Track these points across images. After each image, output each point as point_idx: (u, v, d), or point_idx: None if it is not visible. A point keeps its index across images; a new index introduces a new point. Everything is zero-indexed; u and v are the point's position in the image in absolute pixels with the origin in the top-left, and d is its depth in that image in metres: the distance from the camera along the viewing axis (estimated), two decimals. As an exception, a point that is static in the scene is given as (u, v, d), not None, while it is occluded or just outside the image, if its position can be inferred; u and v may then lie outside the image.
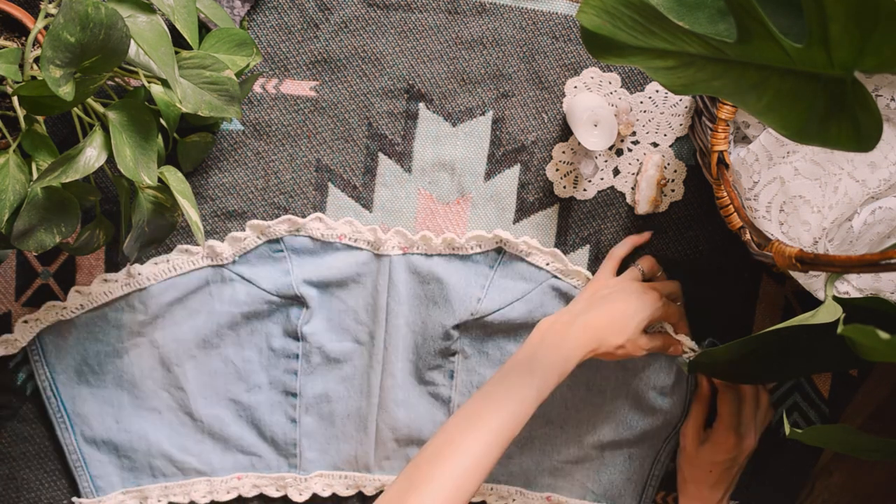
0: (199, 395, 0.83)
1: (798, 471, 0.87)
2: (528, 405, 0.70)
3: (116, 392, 0.82)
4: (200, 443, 0.84)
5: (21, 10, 0.68)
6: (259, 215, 0.82)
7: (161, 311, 0.81)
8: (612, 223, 0.84)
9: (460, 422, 0.69)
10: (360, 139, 0.82)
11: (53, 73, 0.55)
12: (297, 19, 0.80)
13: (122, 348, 0.81)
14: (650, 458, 0.86)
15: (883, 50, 0.44)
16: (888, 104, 0.70)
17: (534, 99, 0.82)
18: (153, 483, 0.84)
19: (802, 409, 0.87)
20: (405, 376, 0.83)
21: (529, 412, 0.70)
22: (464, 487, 0.66)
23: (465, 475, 0.66)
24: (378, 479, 0.85)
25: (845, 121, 0.48)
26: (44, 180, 0.58)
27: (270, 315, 0.83)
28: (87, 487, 0.83)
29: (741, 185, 0.72)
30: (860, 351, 0.56)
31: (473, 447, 0.67)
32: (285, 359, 0.83)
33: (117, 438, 0.82)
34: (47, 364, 0.81)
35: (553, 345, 0.73)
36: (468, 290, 0.81)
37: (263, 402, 0.83)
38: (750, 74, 0.49)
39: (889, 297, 0.72)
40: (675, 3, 0.52)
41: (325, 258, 0.82)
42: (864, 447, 0.62)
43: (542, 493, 0.86)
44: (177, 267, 0.81)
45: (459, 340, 0.83)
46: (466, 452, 0.67)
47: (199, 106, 0.64)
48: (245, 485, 0.84)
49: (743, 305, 0.85)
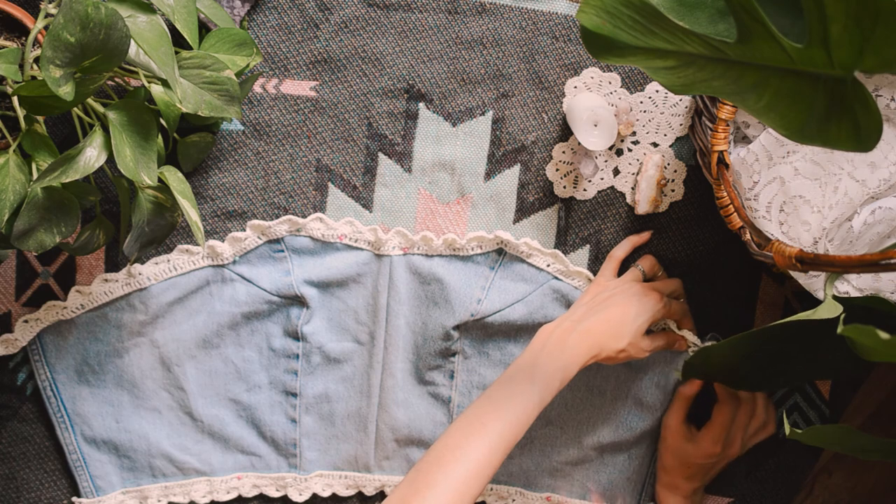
0: (199, 394, 0.83)
1: (798, 471, 0.87)
2: (530, 411, 0.70)
3: (116, 392, 0.82)
4: (200, 443, 0.84)
5: (21, 10, 0.68)
6: (259, 215, 0.82)
7: (161, 310, 0.81)
8: (613, 223, 0.84)
9: (463, 426, 0.70)
10: (360, 139, 0.82)
11: (53, 73, 0.55)
12: (297, 19, 0.80)
13: (122, 348, 0.81)
14: (649, 457, 0.86)
15: (883, 50, 0.44)
16: (888, 104, 0.70)
17: (534, 99, 0.82)
18: (153, 483, 0.84)
19: (802, 409, 0.87)
20: (405, 376, 0.83)
21: (531, 418, 0.71)
22: (467, 492, 0.67)
23: (468, 480, 0.67)
24: (378, 480, 0.85)
25: (845, 121, 0.48)
26: (44, 180, 0.58)
27: (271, 315, 0.83)
28: (87, 487, 0.83)
29: (741, 185, 0.71)
30: (860, 351, 0.56)
31: (476, 452, 0.68)
32: (285, 359, 0.83)
33: (117, 438, 0.82)
34: (47, 364, 0.81)
35: (554, 352, 0.73)
36: (468, 290, 0.81)
37: (263, 402, 0.83)
38: (750, 74, 0.49)
39: (889, 297, 0.72)
40: (675, 3, 0.52)
41: (326, 258, 0.82)
42: (864, 447, 0.62)
43: (542, 494, 0.86)
44: (177, 267, 0.81)
45: (459, 341, 0.83)
46: (469, 457, 0.68)
47: (199, 106, 0.64)
48: (245, 485, 0.84)
49: (743, 305, 0.85)
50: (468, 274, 0.82)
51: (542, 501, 0.86)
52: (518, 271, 0.82)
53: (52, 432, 0.83)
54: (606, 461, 0.86)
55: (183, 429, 0.83)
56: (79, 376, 0.82)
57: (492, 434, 0.69)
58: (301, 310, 0.82)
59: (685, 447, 0.81)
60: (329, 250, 0.82)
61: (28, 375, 0.82)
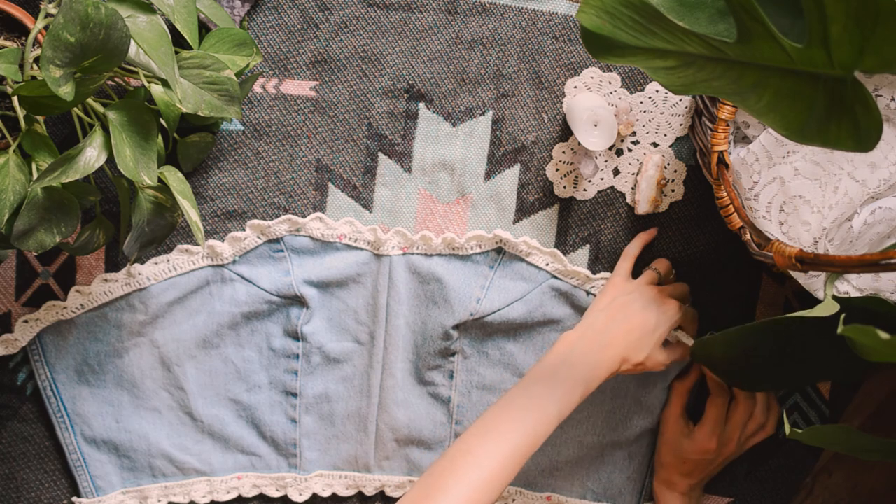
0: (199, 394, 0.83)
1: (798, 471, 0.87)
2: (549, 421, 0.69)
3: (116, 392, 0.82)
4: (200, 443, 0.84)
5: (21, 10, 0.68)
6: (259, 215, 0.82)
7: (161, 310, 0.81)
8: (613, 223, 0.84)
9: (479, 432, 0.69)
10: (360, 139, 0.82)
11: (53, 73, 0.55)
12: (297, 19, 0.80)
13: (122, 348, 0.81)
14: (649, 456, 0.86)
15: (883, 50, 0.44)
16: (888, 104, 0.70)
17: (534, 99, 0.82)
18: (153, 483, 0.84)
19: (802, 409, 0.87)
20: (405, 376, 0.83)
21: (549, 430, 0.69)
22: (479, 500, 0.65)
23: (480, 488, 0.65)
24: (378, 480, 0.85)
25: (845, 121, 0.48)
26: (44, 180, 0.58)
27: (271, 315, 0.83)
28: (87, 487, 0.83)
29: (741, 185, 0.71)
30: (860, 351, 0.56)
31: (490, 460, 0.67)
32: (285, 359, 0.83)
33: (117, 438, 0.82)
34: (47, 364, 0.81)
35: (577, 365, 0.73)
36: (468, 290, 0.81)
37: (263, 402, 0.83)
38: (750, 74, 0.49)
39: (889, 297, 0.72)
40: (674, 3, 0.52)
41: (326, 258, 0.82)
42: (864, 447, 0.62)
43: (542, 493, 0.86)
44: (177, 267, 0.81)
45: (459, 340, 0.83)
46: (482, 465, 0.66)
47: (199, 106, 0.64)
48: (245, 485, 0.84)
49: (743, 305, 0.85)
50: (467, 273, 0.82)
51: (543, 501, 0.86)
52: (517, 270, 0.82)
53: (52, 432, 0.83)
54: (606, 460, 0.86)
55: (183, 429, 0.83)
56: (79, 376, 0.82)
57: (507, 442, 0.67)
58: (301, 310, 0.82)
59: (681, 442, 0.81)
60: (329, 250, 0.82)
61: (28, 375, 0.82)
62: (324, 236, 0.81)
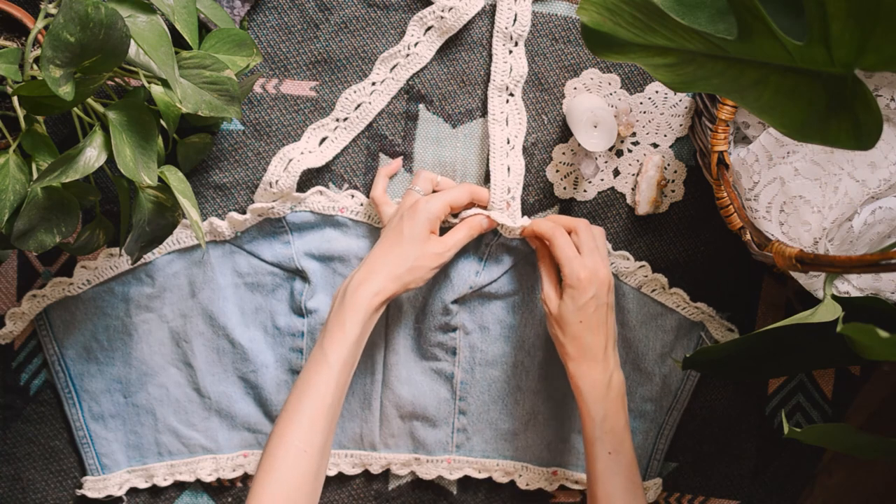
0: (208, 371, 0.83)
1: (799, 471, 0.87)
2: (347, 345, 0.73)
3: (125, 368, 0.82)
4: (207, 419, 0.84)
5: (21, 10, 0.68)
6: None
7: (167, 282, 0.81)
8: (613, 224, 0.84)
9: None
10: (360, 139, 0.82)
11: (53, 73, 0.55)
12: (297, 19, 0.80)
13: (130, 323, 0.81)
14: (654, 431, 0.86)
15: (883, 48, 0.44)
16: (888, 104, 0.70)
17: (534, 100, 0.82)
18: (159, 461, 0.84)
19: (805, 409, 0.86)
20: (408, 353, 0.84)
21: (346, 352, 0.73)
22: None
23: None
24: (384, 458, 0.85)
25: (845, 119, 0.48)
26: (44, 180, 0.58)
27: (274, 291, 0.83)
28: (93, 465, 0.83)
29: (741, 185, 0.72)
30: (859, 350, 0.56)
31: None
32: (290, 337, 0.83)
33: (125, 413, 0.83)
34: (55, 339, 0.81)
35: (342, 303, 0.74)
36: (467, 263, 0.82)
37: (270, 381, 0.84)
38: (750, 72, 0.49)
39: (889, 297, 0.72)
40: (675, 1, 0.52)
41: (326, 231, 0.82)
42: (864, 447, 0.62)
43: (549, 468, 0.86)
44: (180, 241, 0.81)
45: (458, 315, 0.83)
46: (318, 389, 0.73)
47: (199, 106, 0.64)
48: (251, 462, 0.85)
49: (744, 306, 0.85)
50: (466, 246, 0.82)
51: (548, 475, 0.86)
52: (512, 241, 0.82)
53: (57, 433, 0.83)
54: None
55: (190, 405, 0.83)
56: (87, 353, 0.82)
57: None
58: (304, 284, 0.82)
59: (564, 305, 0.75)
60: (329, 223, 0.82)
61: (31, 376, 0.82)
62: (325, 209, 0.81)
